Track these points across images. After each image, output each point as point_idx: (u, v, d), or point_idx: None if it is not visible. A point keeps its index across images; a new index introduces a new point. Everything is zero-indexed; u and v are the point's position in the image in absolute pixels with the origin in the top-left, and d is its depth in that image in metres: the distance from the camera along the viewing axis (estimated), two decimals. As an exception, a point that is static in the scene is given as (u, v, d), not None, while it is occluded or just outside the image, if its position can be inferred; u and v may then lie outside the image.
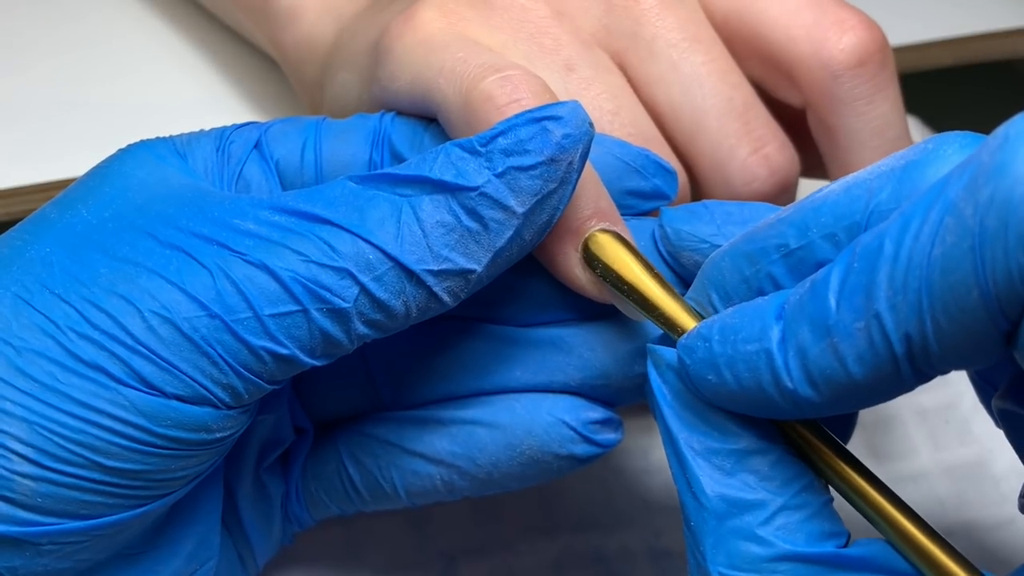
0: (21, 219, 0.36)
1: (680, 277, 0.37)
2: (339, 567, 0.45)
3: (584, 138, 0.34)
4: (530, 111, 0.34)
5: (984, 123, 0.44)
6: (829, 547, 0.31)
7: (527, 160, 0.33)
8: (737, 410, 0.32)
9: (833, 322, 0.29)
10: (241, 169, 0.37)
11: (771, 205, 0.37)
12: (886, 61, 0.41)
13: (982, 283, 0.27)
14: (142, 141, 0.37)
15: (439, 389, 0.39)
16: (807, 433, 0.33)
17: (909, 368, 0.29)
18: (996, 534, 0.46)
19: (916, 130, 0.55)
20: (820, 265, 0.32)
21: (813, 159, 0.43)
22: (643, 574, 0.45)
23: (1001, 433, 0.35)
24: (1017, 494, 0.46)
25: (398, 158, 0.38)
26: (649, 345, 0.34)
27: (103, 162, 0.37)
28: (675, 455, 0.33)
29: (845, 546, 0.32)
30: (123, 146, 0.37)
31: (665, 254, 0.37)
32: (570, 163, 0.34)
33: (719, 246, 0.36)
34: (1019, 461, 0.47)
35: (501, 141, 0.33)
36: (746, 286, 0.33)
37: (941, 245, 0.28)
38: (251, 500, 0.40)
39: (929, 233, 0.28)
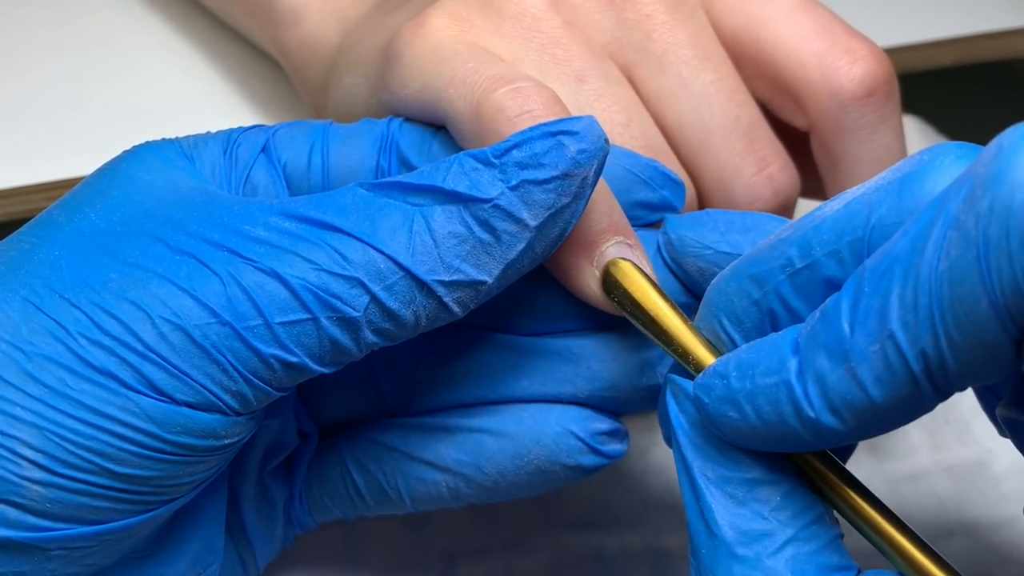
0: (21, 219, 0.36)
1: (683, 284, 0.37)
2: (339, 568, 0.45)
3: (599, 154, 0.34)
4: (545, 124, 0.34)
5: (984, 123, 0.44)
6: None
7: (542, 174, 0.33)
8: (759, 447, 0.32)
9: (848, 347, 0.29)
10: (248, 173, 0.37)
11: (773, 216, 0.37)
12: (892, 92, 0.41)
13: (990, 292, 0.27)
14: (148, 142, 0.37)
15: (445, 397, 0.39)
16: (817, 463, 0.32)
17: (929, 386, 0.29)
18: (996, 534, 0.46)
19: (916, 130, 0.55)
20: (827, 282, 0.32)
21: (813, 180, 0.43)
22: (642, 574, 0.45)
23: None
24: (1017, 493, 0.47)
25: (406, 164, 0.38)
26: (668, 375, 0.34)
27: (109, 163, 0.37)
28: (689, 483, 0.33)
29: None
30: (127, 147, 0.37)
31: (668, 260, 0.37)
32: (584, 178, 0.33)
33: (724, 252, 0.36)
34: (1019, 461, 0.47)
35: (516, 154, 0.33)
36: (756, 308, 0.33)
37: (947, 259, 0.28)
38: (254, 503, 0.40)
39: (934, 248, 0.28)
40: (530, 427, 0.38)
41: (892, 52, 0.54)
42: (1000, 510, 0.46)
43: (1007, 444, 0.47)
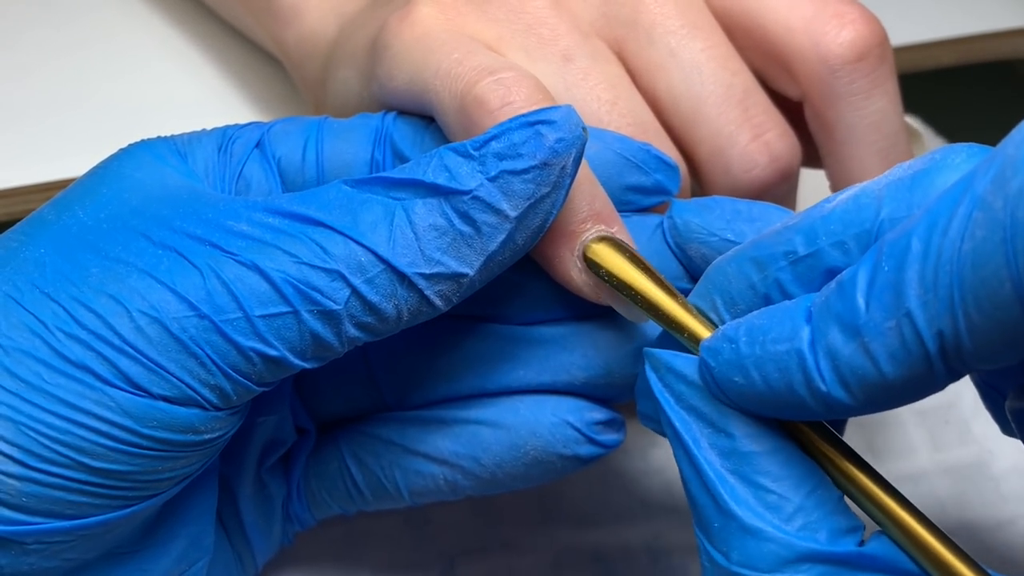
0: (21, 219, 0.36)
1: (687, 269, 0.37)
2: (339, 567, 0.45)
3: (577, 142, 0.34)
4: (524, 115, 0.34)
5: (984, 123, 0.44)
6: (850, 544, 0.31)
7: (520, 164, 0.33)
8: (763, 412, 0.32)
9: (863, 322, 0.29)
10: (242, 168, 0.37)
11: (780, 207, 0.37)
12: (885, 56, 0.40)
13: (1015, 275, 0.27)
14: (143, 141, 0.37)
15: (442, 389, 0.39)
16: (812, 433, 0.32)
17: (942, 366, 0.28)
18: (996, 534, 0.46)
19: (916, 130, 0.55)
20: (829, 272, 0.32)
21: (811, 151, 0.43)
22: (642, 574, 0.45)
23: (1000, 434, 0.35)
24: (1017, 494, 0.47)
25: (400, 157, 0.38)
26: (646, 349, 0.34)
27: (102, 162, 0.37)
28: (686, 457, 0.33)
29: (864, 540, 0.32)
30: (123, 146, 0.37)
31: (673, 245, 0.37)
32: (563, 167, 0.33)
33: (728, 240, 0.36)
34: (1019, 461, 0.47)
35: (494, 145, 0.33)
36: (752, 292, 0.33)
37: (971, 240, 0.27)
38: (252, 501, 0.40)
39: (958, 228, 0.28)
40: (526, 418, 0.38)
41: (893, 52, 0.54)
42: (1000, 510, 0.46)
43: (1007, 444, 0.47)
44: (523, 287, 0.38)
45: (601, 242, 0.35)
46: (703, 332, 0.33)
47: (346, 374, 0.40)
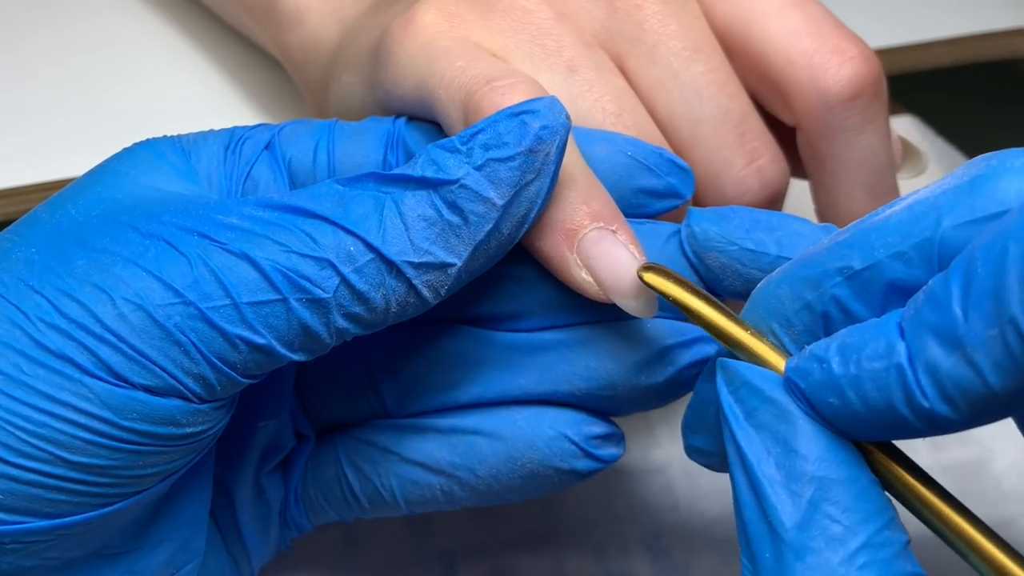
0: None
1: (702, 278, 0.37)
2: (338, 568, 0.45)
3: (560, 130, 0.34)
4: (509, 108, 0.34)
5: (984, 123, 0.44)
6: None
7: (505, 152, 0.33)
8: (859, 434, 0.30)
9: (963, 332, 0.28)
10: (250, 169, 0.37)
11: (799, 217, 0.36)
12: (880, 93, 0.41)
13: None
14: (146, 140, 0.37)
15: (442, 397, 0.39)
16: (890, 462, 0.31)
17: None
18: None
19: (916, 130, 0.55)
20: (890, 285, 0.31)
21: (798, 165, 0.43)
22: (642, 574, 0.45)
23: (1001, 433, 0.35)
24: (1018, 492, 0.47)
25: None
26: (720, 360, 0.33)
27: (101, 163, 0.37)
28: (747, 479, 0.31)
29: None
30: (125, 146, 0.37)
31: (691, 254, 0.36)
32: (547, 154, 0.34)
33: (748, 250, 0.35)
34: (1019, 461, 0.47)
35: (481, 137, 0.34)
36: (808, 312, 0.32)
37: None
38: (250, 506, 0.40)
39: None
40: (523, 430, 0.37)
41: (892, 52, 0.54)
42: (1001, 509, 0.46)
43: (1008, 443, 0.47)
44: (526, 294, 0.38)
45: (647, 275, 0.34)
46: (768, 352, 0.32)
47: (346, 379, 0.40)
